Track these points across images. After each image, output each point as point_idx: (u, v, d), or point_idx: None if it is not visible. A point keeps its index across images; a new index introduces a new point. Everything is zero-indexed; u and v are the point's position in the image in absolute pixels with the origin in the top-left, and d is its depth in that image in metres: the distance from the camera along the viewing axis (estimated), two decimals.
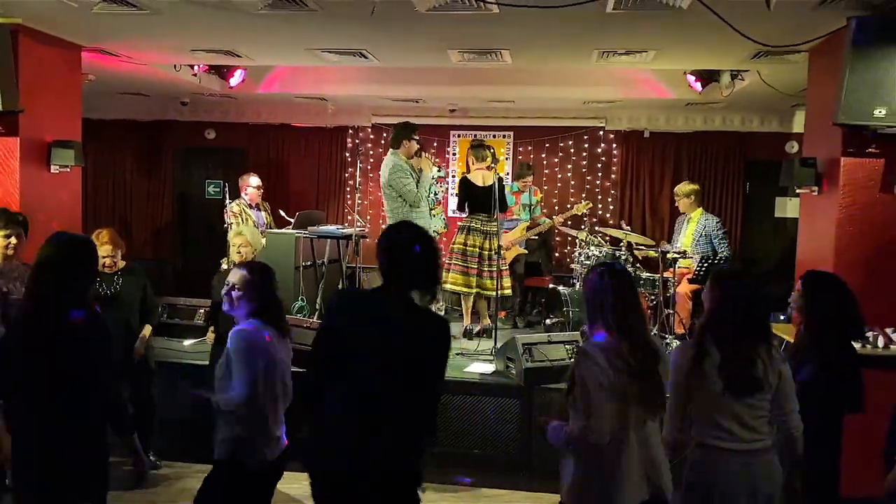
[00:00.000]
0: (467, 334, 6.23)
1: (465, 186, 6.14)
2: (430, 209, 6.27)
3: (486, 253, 6.09)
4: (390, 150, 5.99)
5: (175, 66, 6.67)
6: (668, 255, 5.67)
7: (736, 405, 2.56)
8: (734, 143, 8.25)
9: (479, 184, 6.05)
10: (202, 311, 6.16)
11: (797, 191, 4.67)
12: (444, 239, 7.34)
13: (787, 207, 8.16)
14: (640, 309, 2.61)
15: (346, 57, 5.68)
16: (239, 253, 4.61)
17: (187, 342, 5.91)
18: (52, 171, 5.13)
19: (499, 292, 5.98)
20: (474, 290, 6.11)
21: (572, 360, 4.97)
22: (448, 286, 6.18)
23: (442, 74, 7.18)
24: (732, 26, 3.85)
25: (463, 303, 6.40)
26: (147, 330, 4.72)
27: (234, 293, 3.00)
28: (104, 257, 4.46)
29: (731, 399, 2.56)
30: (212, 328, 5.10)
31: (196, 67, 6.76)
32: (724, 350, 2.57)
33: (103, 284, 4.51)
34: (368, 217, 8.75)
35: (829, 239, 4.25)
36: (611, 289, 2.56)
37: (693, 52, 5.22)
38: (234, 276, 3.04)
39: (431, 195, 6.31)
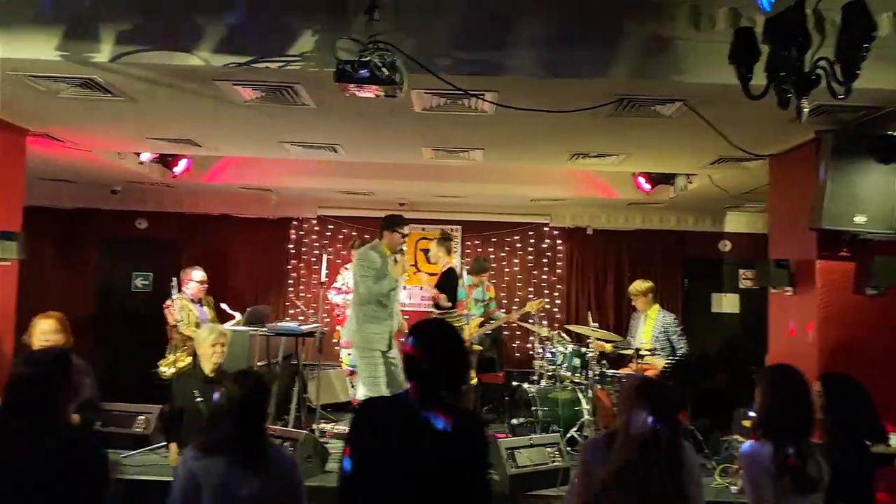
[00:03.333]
0: None
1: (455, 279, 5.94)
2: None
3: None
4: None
5: (119, 153, 6.32)
6: (640, 352, 5.69)
7: None
8: (672, 241, 8.62)
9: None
10: (142, 418, 5.59)
11: (771, 290, 4.84)
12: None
13: (723, 303, 8.52)
14: None
15: (316, 151, 5.56)
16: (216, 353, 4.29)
17: (125, 454, 5.29)
18: None
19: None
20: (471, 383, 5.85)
21: (556, 463, 4.91)
22: None
23: (393, 169, 7.18)
24: (724, 136, 4.03)
25: None
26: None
27: None
28: (44, 332, 4.18)
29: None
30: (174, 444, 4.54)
31: (143, 156, 6.44)
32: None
33: None
34: (311, 311, 8.42)
35: (811, 338, 4.39)
36: None
37: (662, 156, 5.46)
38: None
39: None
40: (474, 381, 6.04)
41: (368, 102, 3.63)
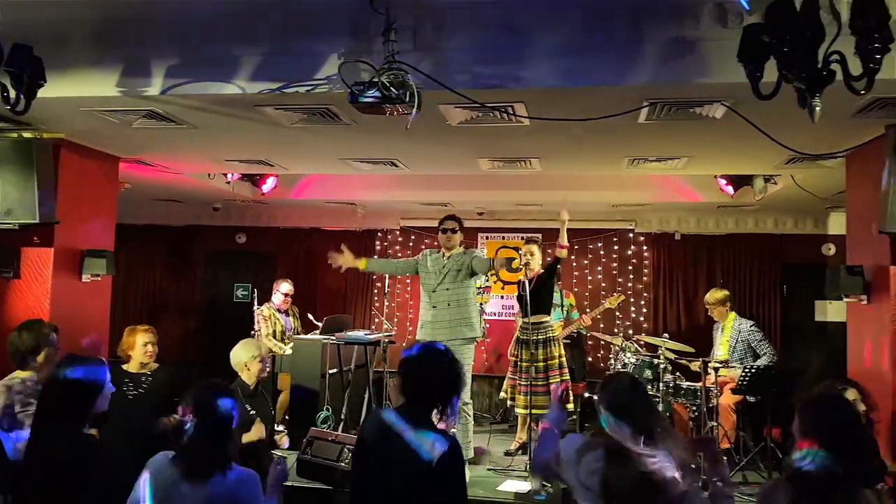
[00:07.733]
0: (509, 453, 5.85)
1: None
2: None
3: (538, 365, 5.61)
4: None
5: (209, 174, 6.81)
6: (711, 366, 5.41)
7: None
8: (768, 245, 8.10)
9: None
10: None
11: (844, 300, 4.47)
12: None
13: (829, 311, 7.89)
14: None
15: (378, 166, 5.74)
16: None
17: None
18: (83, 279, 5.13)
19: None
20: (524, 411, 5.65)
21: None
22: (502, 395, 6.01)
23: (470, 179, 7.22)
24: (770, 136, 3.79)
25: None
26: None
27: None
28: (146, 343, 4.56)
29: None
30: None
31: (230, 176, 6.90)
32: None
33: (130, 384, 4.42)
34: (396, 320, 8.65)
35: (884, 349, 4.02)
36: None
37: (726, 158, 5.19)
38: None
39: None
40: (570, 405, 5.90)
41: (404, 118, 3.73)
